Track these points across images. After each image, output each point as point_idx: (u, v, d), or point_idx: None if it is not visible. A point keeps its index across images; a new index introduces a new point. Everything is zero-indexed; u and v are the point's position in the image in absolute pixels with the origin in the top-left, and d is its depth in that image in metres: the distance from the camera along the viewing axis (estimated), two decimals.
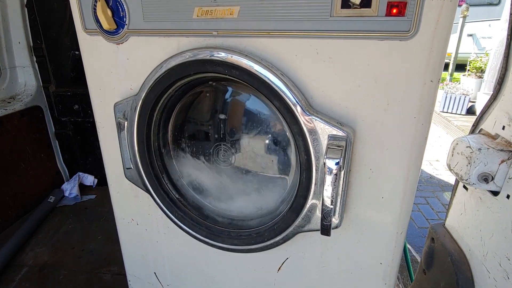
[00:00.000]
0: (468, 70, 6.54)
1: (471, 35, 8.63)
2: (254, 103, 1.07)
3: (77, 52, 2.49)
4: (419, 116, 0.81)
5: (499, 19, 6.46)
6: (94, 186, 2.92)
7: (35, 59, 2.56)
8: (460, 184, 1.28)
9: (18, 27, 2.45)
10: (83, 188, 2.88)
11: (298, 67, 0.86)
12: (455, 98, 5.76)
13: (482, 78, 6.16)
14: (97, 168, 2.92)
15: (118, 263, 2.01)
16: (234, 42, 0.90)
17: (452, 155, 1.14)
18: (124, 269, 1.53)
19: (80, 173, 2.91)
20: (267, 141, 1.10)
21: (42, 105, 2.66)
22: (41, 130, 2.68)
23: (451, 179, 3.92)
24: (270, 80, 0.85)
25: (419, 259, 2.40)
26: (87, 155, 2.87)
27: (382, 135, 0.85)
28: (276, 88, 0.85)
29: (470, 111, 5.85)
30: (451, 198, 1.34)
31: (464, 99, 5.70)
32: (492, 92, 1.06)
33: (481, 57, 6.57)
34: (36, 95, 2.61)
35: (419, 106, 0.80)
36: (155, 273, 1.45)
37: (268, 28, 0.85)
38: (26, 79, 2.58)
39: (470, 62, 6.57)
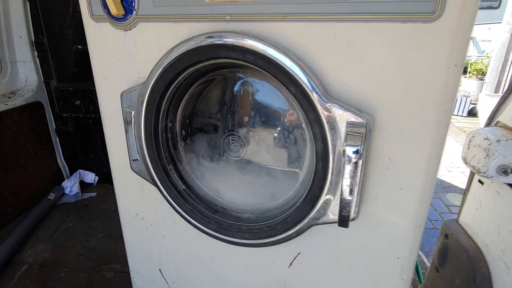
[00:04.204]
0: (469, 72, 6.54)
1: (471, 38, 8.64)
2: (267, 92, 1.04)
3: (79, 46, 2.46)
4: (442, 102, 0.77)
5: (499, 22, 6.46)
6: (94, 184, 2.88)
7: (36, 54, 2.52)
8: (475, 179, 1.25)
9: (20, 21, 2.41)
10: (83, 185, 2.84)
11: (315, 52, 0.83)
12: (457, 100, 5.75)
13: (483, 80, 6.16)
14: (98, 166, 2.88)
15: (120, 260, 1.97)
16: (248, 27, 0.87)
17: (468, 148, 1.11)
18: (126, 267, 1.49)
19: (81, 171, 2.86)
20: (279, 133, 1.07)
21: (43, 101, 2.62)
22: (41, 126, 2.64)
23: (453, 180, 3.89)
24: (286, 65, 0.82)
25: (425, 260, 2.37)
26: (88, 152, 2.83)
27: (402, 123, 0.82)
28: (293, 74, 0.82)
29: (472, 113, 5.84)
30: (465, 194, 1.31)
31: (466, 101, 5.70)
32: (496, 92, 1.03)
33: (482, 59, 6.58)
34: (37, 91, 2.57)
35: (442, 92, 0.77)
36: (160, 269, 1.41)
37: (284, 11, 0.82)
38: (27, 74, 2.54)
39: (471, 64, 6.57)
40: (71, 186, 2.72)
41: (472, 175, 1.29)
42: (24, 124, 2.47)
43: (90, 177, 2.87)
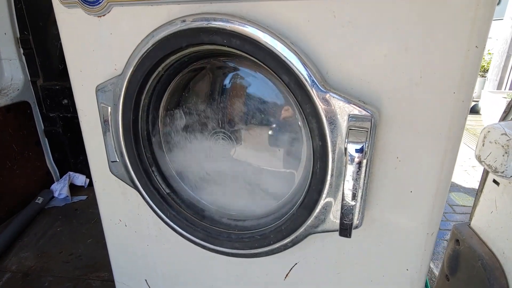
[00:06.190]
0: None
1: None
2: (260, 85, 0.92)
3: None
4: (459, 90, 0.66)
5: (501, 19, 6.35)
6: (85, 187, 2.76)
7: (22, 51, 2.41)
8: (489, 179, 1.14)
9: (4, 18, 2.29)
10: (73, 188, 2.72)
11: (311, 35, 0.72)
12: None
13: (485, 77, 6.06)
14: (89, 168, 2.76)
15: (108, 268, 1.85)
16: (235, 7, 0.76)
17: (483, 145, 0.99)
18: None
19: (71, 173, 2.75)
20: (273, 130, 0.96)
21: (30, 101, 2.50)
22: (29, 127, 2.52)
23: (456, 179, 3.79)
24: (278, 51, 0.71)
25: (431, 265, 2.26)
26: (78, 153, 2.72)
27: (413, 116, 0.71)
28: (286, 60, 0.71)
29: (474, 110, 5.74)
30: (477, 195, 1.20)
31: None
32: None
33: (483, 56, 6.48)
34: (24, 90, 2.45)
35: (459, 79, 0.66)
36: (146, 280, 1.30)
37: None
38: (12, 73, 2.42)
39: None
40: (60, 189, 2.61)
41: (485, 175, 1.18)
42: (10, 125, 2.36)
43: (81, 179, 2.76)
